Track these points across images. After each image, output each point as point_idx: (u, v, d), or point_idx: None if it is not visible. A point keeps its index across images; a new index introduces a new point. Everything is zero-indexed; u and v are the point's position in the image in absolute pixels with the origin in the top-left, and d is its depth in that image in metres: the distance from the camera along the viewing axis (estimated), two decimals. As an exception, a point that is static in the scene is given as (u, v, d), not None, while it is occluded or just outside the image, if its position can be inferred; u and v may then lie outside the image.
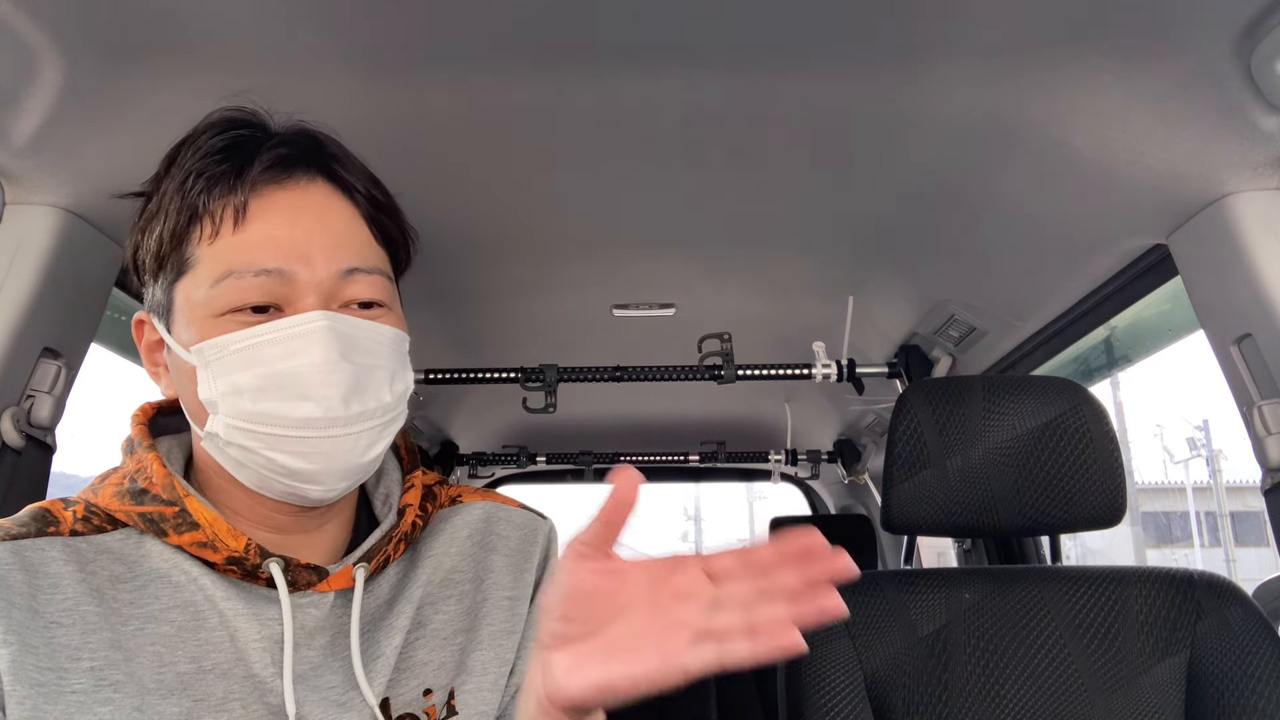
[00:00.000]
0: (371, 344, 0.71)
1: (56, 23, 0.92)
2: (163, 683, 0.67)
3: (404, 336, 0.76)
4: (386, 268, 0.76)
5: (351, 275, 0.71)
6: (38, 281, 1.13)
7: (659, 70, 1.07)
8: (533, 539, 0.87)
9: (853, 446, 2.94)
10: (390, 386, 0.72)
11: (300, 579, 0.72)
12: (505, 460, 3.06)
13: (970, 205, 1.43)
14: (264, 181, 0.71)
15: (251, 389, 0.67)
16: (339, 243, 0.72)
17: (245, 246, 0.69)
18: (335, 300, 0.71)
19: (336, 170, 0.74)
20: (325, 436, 0.68)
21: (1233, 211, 1.14)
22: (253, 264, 0.68)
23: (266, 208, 0.70)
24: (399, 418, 0.74)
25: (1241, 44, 0.94)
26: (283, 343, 0.68)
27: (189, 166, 0.71)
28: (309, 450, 0.68)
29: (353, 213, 0.74)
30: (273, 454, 0.68)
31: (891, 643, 1.20)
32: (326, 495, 0.72)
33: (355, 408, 0.68)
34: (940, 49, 1.03)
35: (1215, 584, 1.19)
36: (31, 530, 0.70)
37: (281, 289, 0.69)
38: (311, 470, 0.69)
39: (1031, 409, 1.24)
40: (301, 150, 0.73)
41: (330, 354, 0.67)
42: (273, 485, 0.71)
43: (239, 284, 0.68)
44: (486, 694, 0.77)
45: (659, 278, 1.83)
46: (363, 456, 0.71)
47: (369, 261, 0.73)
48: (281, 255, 0.69)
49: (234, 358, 0.68)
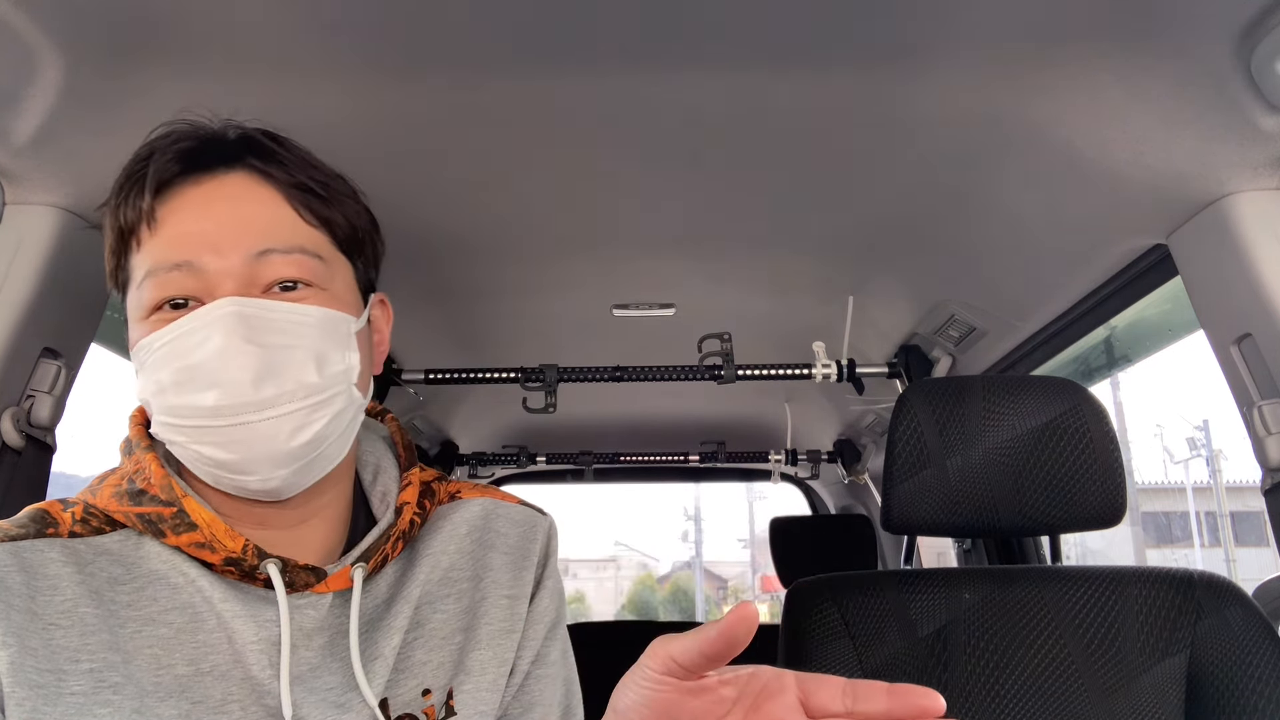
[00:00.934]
0: (287, 325, 0.69)
1: (56, 23, 0.92)
2: (161, 685, 0.67)
3: (341, 317, 0.73)
4: (317, 246, 0.73)
5: (266, 256, 0.70)
6: (38, 281, 1.13)
7: (659, 70, 1.07)
8: (532, 536, 0.86)
9: (853, 446, 2.94)
10: (316, 367, 0.70)
11: (298, 580, 0.71)
12: (505, 460, 3.06)
13: (970, 205, 1.43)
14: (172, 178, 0.71)
15: (171, 384, 0.68)
16: (250, 227, 0.70)
17: (161, 245, 0.70)
18: (255, 285, 0.70)
19: (253, 160, 0.73)
20: (237, 424, 0.66)
21: (1233, 211, 1.14)
22: (165, 260, 0.69)
23: (179, 205, 0.71)
24: (333, 399, 0.71)
25: (1241, 44, 0.94)
26: (193, 333, 0.67)
27: (118, 185, 0.72)
28: (224, 439, 0.67)
29: (273, 196, 0.73)
30: (198, 447, 0.68)
31: (891, 643, 1.20)
32: (267, 484, 0.70)
33: (269, 390, 0.67)
34: (940, 49, 1.03)
35: (1215, 584, 1.19)
36: (30, 531, 0.70)
37: (193, 281, 0.69)
38: (235, 460, 0.68)
39: (1031, 409, 1.23)
40: (217, 144, 0.73)
41: (233, 339, 0.66)
42: (219, 479, 0.70)
43: (155, 281, 0.69)
44: (485, 694, 0.77)
45: (659, 278, 1.83)
46: (290, 441, 0.68)
47: (287, 241, 0.71)
48: (192, 248, 0.69)
49: (157, 355, 0.68)
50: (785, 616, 1.27)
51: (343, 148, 0.82)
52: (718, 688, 0.52)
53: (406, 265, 1.66)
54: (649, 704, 0.52)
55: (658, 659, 0.51)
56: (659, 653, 0.51)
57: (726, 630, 0.48)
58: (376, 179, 0.84)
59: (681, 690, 0.51)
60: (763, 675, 0.52)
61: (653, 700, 0.51)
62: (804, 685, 0.51)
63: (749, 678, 0.52)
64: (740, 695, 0.52)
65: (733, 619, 0.48)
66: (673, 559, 32.85)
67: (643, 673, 0.52)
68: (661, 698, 0.51)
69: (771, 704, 0.51)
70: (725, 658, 0.49)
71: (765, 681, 0.52)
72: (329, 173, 0.77)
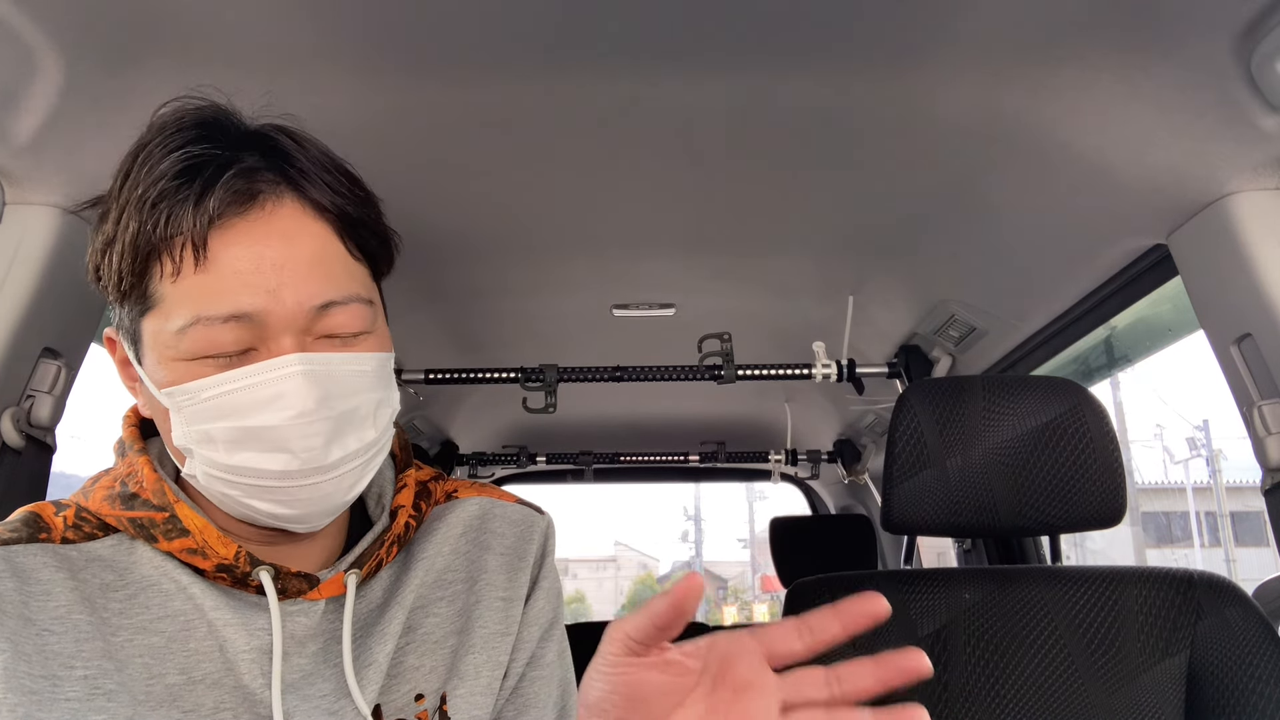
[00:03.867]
0: (352, 379, 0.68)
1: (56, 23, 0.92)
2: (152, 694, 0.66)
3: (387, 357, 0.72)
4: (366, 289, 0.71)
5: (328, 310, 0.67)
6: (38, 281, 1.13)
7: (659, 70, 1.07)
8: (528, 536, 0.85)
9: (853, 446, 2.94)
10: (374, 420, 0.69)
11: (290, 587, 0.71)
12: (505, 460, 3.06)
13: (970, 205, 1.43)
14: (226, 212, 0.64)
15: (225, 440, 0.65)
16: (311, 273, 0.66)
17: (210, 288, 0.64)
18: (310, 334, 0.67)
19: (305, 187, 0.68)
20: (306, 485, 0.66)
21: (1233, 211, 1.14)
22: (220, 309, 0.63)
23: (230, 240, 0.64)
24: (385, 446, 0.72)
25: (1241, 44, 0.94)
26: (256, 389, 0.64)
27: (144, 191, 0.65)
28: (289, 499, 0.67)
29: (325, 231, 0.69)
30: (254, 502, 0.67)
31: (891, 643, 1.19)
32: (313, 528, 0.71)
33: (337, 453, 0.66)
34: (940, 49, 1.03)
35: (1215, 584, 1.19)
36: (23, 536, 0.69)
37: (252, 332, 0.64)
38: (295, 515, 0.68)
39: (1031, 409, 1.23)
40: (265, 166, 0.67)
41: (308, 403, 0.64)
42: (258, 521, 0.70)
43: (208, 331, 0.64)
44: (479, 698, 0.76)
45: (659, 278, 1.83)
46: (347, 495, 0.70)
47: (345, 289, 0.68)
48: (249, 295, 0.64)
49: (206, 406, 0.65)
50: (785, 616, 1.27)
51: (343, 148, 0.82)
52: (680, 660, 0.53)
53: (406, 265, 1.64)
54: (615, 689, 0.52)
55: (614, 641, 0.52)
56: (614, 635, 0.52)
57: (675, 600, 0.50)
58: (377, 179, 0.83)
59: (644, 667, 0.52)
60: (720, 641, 0.53)
61: (618, 684, 0.52)
62: (762, 639, 0.53)
63: (709, 646, 0.53)
64: (705, 664, 0.53)
65: (680, 589, 0.50)
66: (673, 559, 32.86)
67: (603, 659, 0.53)
68: (626, 679, 0.52)
69: (737, 666, 0.52)
70: (677, 627, 0.51)
71: (725, 646, 0.53)
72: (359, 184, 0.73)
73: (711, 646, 0.53)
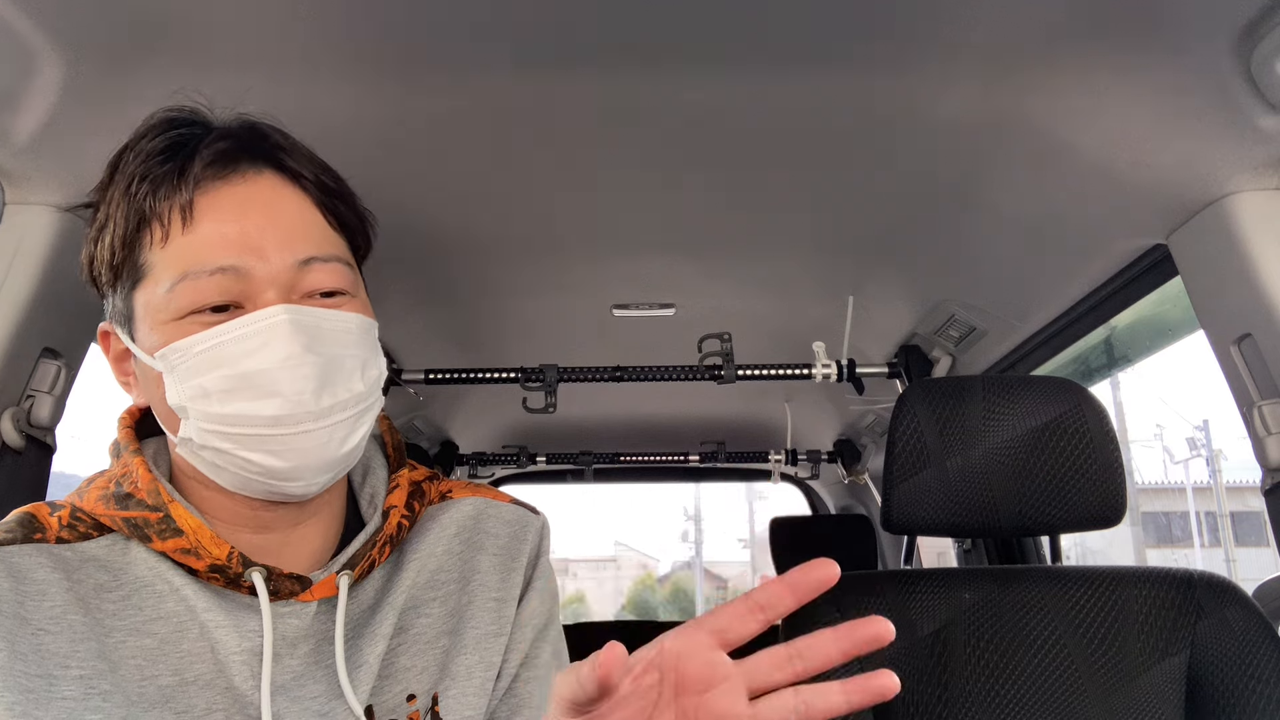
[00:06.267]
0: (338, 333, 0.70)
1: (56, 23, 0.92)
2: (145, 695, 0.67)
3: (371, 323, 0.75)
4: (346, 254, 0.75)
5: (309, 265, 0.70)
6: (38, 281, 1.13)
7: (659, 70, 1.07)
8: (522, 536, 0.85)
9: (853, 446, 2.94)
10: (362, 375, 0.71)
11: (283, 588, 0.71)
12: (505, 460, 3.06)
13: (970, 205, 1.43)
14: (208, 177, 0.69)
15: (219, 390, 0.67)
16: (293, 233, 0.70)
17: (197, 246, 0.68)
18: (295, 292, 0.70)
19: (283, 159, 0.73)
20: (299, 432, 0.67)
21: (1233, 211, 1.14)
22: (206, 263, 0.67)
23: (214, 204, 0.69)
24: (374, 405, 0.73)
25: (1241, 44, 0.94)
26: (245, 340, 0.67)
27: (131, 171, 0.69)
28: (283, 448, 0.67)
29: (304, 201, 0.73)
30: (248, 454, 0.68)
31: (891, 643, 1.20)
32: (308, 490, 0.71)
33: (327, 400, 0.68)
34: (940, 49, 1.03)
35: (1215, 584, 1.19)
36: (18, 536, 0.69)
37: (238, 286, 0.68)
38: (288, 468, 0.68)
39: (1031, 409, 1.23)
40: (244, 142, 0.72)
41: (294, 347, 0.66)
42: (252, 485, 0.70)
43: (195, 285, 0.67)
44: (471, 698, 0.76)
45: (659, 278, 1.83)
46: (340, 449, 0.70)
47: (326, 249, 0.72)
48: (234, 251, 0.68)
49: (198, 359, 0.67)
50: (785, 616, 1.27)
51: (343, 147, 0.82)
52: (633, 687, 0.51)
53: (406, 265, 1.66)
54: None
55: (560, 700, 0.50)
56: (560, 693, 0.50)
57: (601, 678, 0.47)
58: (376, 179, 0.84)
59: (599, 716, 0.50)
60: (669, 643, 0.52)
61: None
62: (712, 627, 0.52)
63: (659, 653, 0.52)
64: (661, 673, 0.51)
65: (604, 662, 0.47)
66: (673, 559, 32.83)
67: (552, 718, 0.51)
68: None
69: (693, 664, 0.51)
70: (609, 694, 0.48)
71: (676, 647, 0.52)
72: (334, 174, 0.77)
73: (662, 652, 0.52)
